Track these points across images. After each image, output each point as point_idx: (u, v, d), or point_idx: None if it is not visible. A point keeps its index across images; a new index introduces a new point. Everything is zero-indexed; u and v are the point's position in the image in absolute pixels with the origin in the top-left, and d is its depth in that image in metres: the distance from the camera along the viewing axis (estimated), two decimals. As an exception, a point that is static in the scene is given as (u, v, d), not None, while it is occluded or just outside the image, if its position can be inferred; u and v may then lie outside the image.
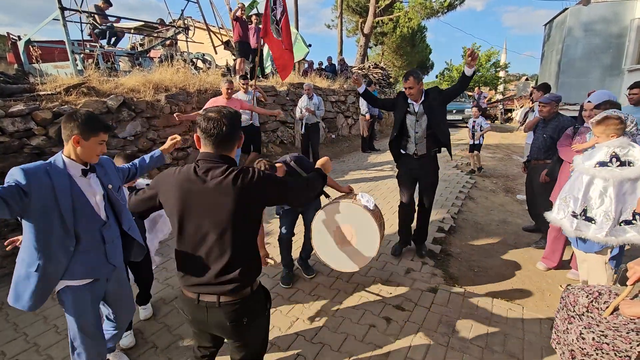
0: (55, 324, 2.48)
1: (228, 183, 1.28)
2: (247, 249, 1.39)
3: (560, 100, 3.61)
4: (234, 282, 1.34)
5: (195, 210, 1.31)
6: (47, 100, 3.80)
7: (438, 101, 3.09)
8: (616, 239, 2.17)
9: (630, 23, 10.92)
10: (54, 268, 1.57)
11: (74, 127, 1.56)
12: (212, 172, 1.31)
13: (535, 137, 3.72)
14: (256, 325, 1.48)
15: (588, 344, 1.59)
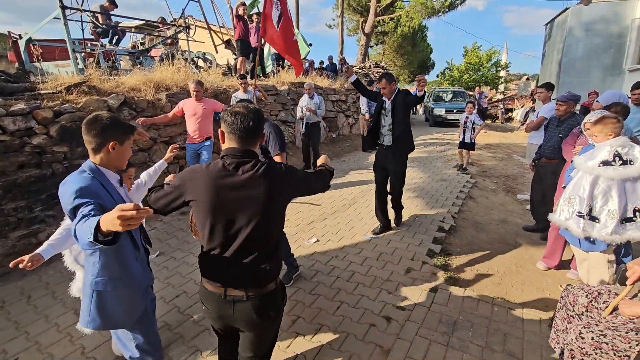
0: (56, 322, 2.49)
1: (260, 176, 1.31)
2: (275, 243, 1.43)
3: (579, 99, 3.51)
4: (262, 276, 1.38)
5: (227, 205, 1.31)
6: (48, 99, 3.81)
7: (402, 103, 3.58)
8: (620, 237, 2.18)
9: (631, 23, 10.91)
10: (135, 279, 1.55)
11: (107, 132, 1.45)
12: (243, 167, 1.32)
13: (548, 136, 3.65)
14: (278, 320, 1.54)
15: (587, 344, 1.59)
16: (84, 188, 1.31)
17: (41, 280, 3.01)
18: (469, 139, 6.66)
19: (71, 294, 2.06)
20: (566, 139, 3.17)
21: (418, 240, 3.74)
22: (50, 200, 3.57)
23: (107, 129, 1.45)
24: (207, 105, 4.40)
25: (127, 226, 0.95)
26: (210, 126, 4.50)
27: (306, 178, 1.52)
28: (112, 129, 1.46)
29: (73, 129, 3.73)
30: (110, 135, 1.46)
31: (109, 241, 1.04)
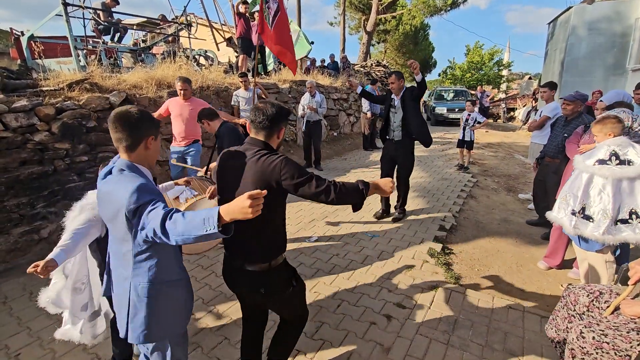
0: (58, 318, 2.49)
1: (253, 162, 1.47)
2: (266, 228, 1.52)
3: (587, 99, 3.46)
4: (253, 254, 1.54)
5: (227, 183, 1.54)
6: (50, 95, 3.81)
7: (410, 97, 3.89)
8: (613, 238, 2.17)
9: (634, 22, 10.85)
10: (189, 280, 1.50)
11: (143, 126, 1.33)
12: (248, 150, 1.52)
13: (554, 135, 3.63)
14: (277, 299, 1.63)
15: (588, 343, 1.59)
16: (143, 185, 1.22)
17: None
18: (468, 138, 6.65)
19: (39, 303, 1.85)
20: (570, 137, 3.15)
21: (419, 239, 3.74)
22: (52, 196, 3.58)
23: (142, 123, 1.33)
24: (195, 105, 3.96)
25: (256, 212, 1.04)
26: (198, 128, 4.08)
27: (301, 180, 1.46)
28: (147, 123, 1.34)
29: (75, 126, 3.74)
30: (147, 129, 1.34)
31: (224, 232, 1.07)
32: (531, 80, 23.18)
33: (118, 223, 1.24)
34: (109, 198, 1.25)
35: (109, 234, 1.39)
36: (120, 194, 1.20)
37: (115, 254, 1.37)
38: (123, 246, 1.29)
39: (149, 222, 1.13)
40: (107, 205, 1.27)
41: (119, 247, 1.31)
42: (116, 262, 1.37)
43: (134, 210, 1.17)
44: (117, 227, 1.27)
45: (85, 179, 3.87)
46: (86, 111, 3.90)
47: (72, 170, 3.77)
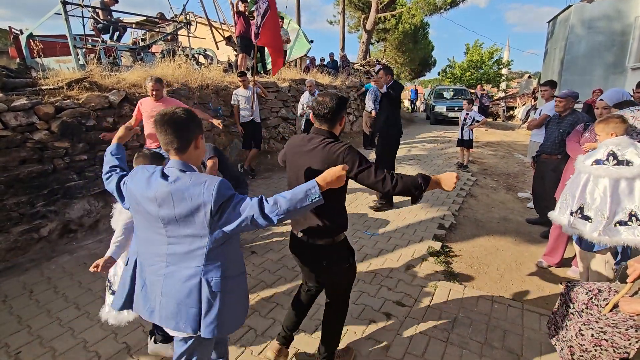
0: (58, 316, 2.50)
1: (320, 149, 1.63)
2: (331, 208, 1.67)
3: (577, 96, 3.63)
4: (316, 229, 1.72)
5: (293, 166, 1.73)
6: (50, 94, 3.81)
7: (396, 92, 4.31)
8: (610, 239, 2.14)
9: (634, 20, 10.84)
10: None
11: (191, 127, 1.33)
12: (313, 140, 1.68)
13: (549, 132, 3.73)
14: (334, 271, 1.81)
15: (587, 340, 1.60)
16: (223, 182, 1.26)
17: (43, 275, 3.03)
18: (467, 137, 6.65)
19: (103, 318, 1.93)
20: (569, 135, 3.17)
21: (418, 238, 3.74)
22: (51, 195, 3.58)
23: (190, 123, 1.33)
24: (167, 105, 3.88)
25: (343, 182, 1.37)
26: None
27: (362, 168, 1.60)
28: (194, 122, 1.34)
29: (74, 125, 3.74)
30: (195, 130, 1.34)
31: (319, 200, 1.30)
32: (531, 79, 23.17)
33: (193, 219, 1.25)
34: (184, 196, 1.23)
35: (158, 234, 1.33)
36: (200, 190, 1.22)
37: (172, 254, 1.32)
38: (193, 244, 1.28)
39: (243, 212, 1.23)
40: (180, 203, 1.24)
41: (184, 245, 1.30)
42: (174, 261, 1.33)
43: (221, 205, 1.22)
44: (187, 224, 1.26)
45: (84, 178, 3.87)
46: (85, 110, 3.90)
47: (72, 169, 3.77)
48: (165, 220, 1.28)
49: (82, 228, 3.80)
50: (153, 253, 1.37)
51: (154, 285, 1.36)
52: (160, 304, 1.34)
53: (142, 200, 1.31)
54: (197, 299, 1.30)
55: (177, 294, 1.31)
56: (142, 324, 2.44)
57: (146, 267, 1.40)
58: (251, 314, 2.55)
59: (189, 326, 1.32)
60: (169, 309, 1.33)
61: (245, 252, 3.43)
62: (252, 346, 2.23)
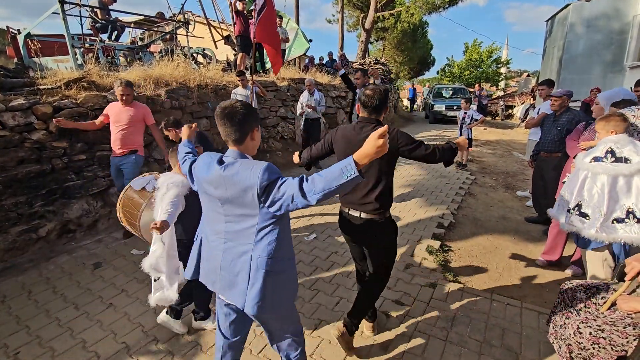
0: (57, 317, 2.50)
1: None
2: (382, 186, 1.95)
3: (572, 95, 3.69)
4: (370, 206, 1.95)
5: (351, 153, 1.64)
6: (48, 94, 3.80)
7: None
8: (607, 236, 2.14)
9: (632, 19, 10.86)
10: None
11: (249, 119, 1.41)
12: (365, 127, 1.92)
13: (546, 131, 3.77)
14: (383, 245, 2.06)
15: (585, 338, 1.60)
16: (270, 165, 1.34)
17: (42, 275, 3.02)
18: (465, 136, 6.66)
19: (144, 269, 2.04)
20: (570, 134, 3.18)
21: (417, 237, 3.75)
22: (50, 195, 3.58)
23: (248, 117, 1.41)
24: (136, 111, 3.58)
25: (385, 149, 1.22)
26: (137, 136, 3.65)
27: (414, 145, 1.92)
28: (251, 115, 1.42)
29: (73, 125, 3.73)
30: (252, 122, 1.43)
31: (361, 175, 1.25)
32: (529, 78, 23.19)
33: (244, 201, 1.35)
34: (233, 180, 1.35)
35: (217, 213, 1.46)
36: (247, 175, 1.32)
37: (229, 231, 1.45)
38: (245, 222, 1.39)
39: (285, 192, 1.28)
40: (231, 186, 1.36)
41: (238, 224, 1.41)
42: (230, 238, 1.45)
43: (265, 187, 1.30)
44: (240, 205, 1.37)
45: (83, 178, 3.86)
46: (84, 110, 3.89)
47: (70, 169, 3.77)
48: (222, 200, 1.41)
49: (81, 228, 3.80)
50: (214, 230, 1.50)
51: (215, 259, 1.49)
52: (220, 275, 1.48)
53: (203, 183, 1.47)
54: (246, 275, 1.40)
55: (232, 268, 1.43)
56: (141, 323, 2.44)
57: (209, 242, 1.53)
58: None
59: (240, 299, 1.41)
60: (226, 282, 1.46)
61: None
62: (252, 346, 2.23)
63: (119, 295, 2.76)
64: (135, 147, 3.65)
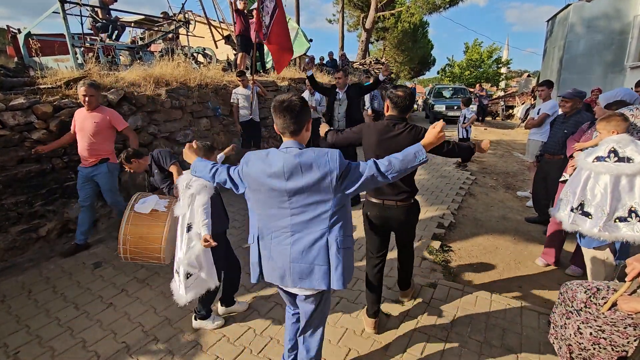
0: (57, 316, 2.50)
1: (406, 132, 2.14)
2: (411, 177, 2.26)
3: (585, 96, 3.56)
4: (404, 194, 2.24)
5: (384, 147, 2.14)
6: (48, 93, 3.79)
7: (355, 93, 4.64)
8: (609, 235, 2.16)
9: (633, 19, 10.85)
10: None
11: (304, 111, 1.52)
12: (398, 125, 2.17)
13: (553, 132, 3.68)
14: (411, 225, 2.43)
15: (585, 339, 1.60)
16: (341, 153, 1.47)
17: (41, 275, 3.02)
18: (462, 135, 6.68)
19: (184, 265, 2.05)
20: (573, 135, 3.16)
21: (418, 237, 3.74)
22: (50, 195, 3.57)
23: (304, 110, 1.51)
24: (101, 117, 3.30)
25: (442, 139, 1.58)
26: (107, 144, 3.41)
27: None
28: (307, 108, 1.53)
29: (73, 124, 3.72)
30: (307, 115, 1.53)
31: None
32: (530, 78, 23.18)
33: (319, 187, 1.44)
34: (309, 166, 1.42)
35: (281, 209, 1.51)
36: (325, 160, 1.42)
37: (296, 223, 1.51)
38: (317, 210, 1.48)
39: (364, 173, 1.46)
40: (308, 173, 1.42)
41: (308, 214, 1.49)
42: (298, 229, 1.51)
43: (344, 171, 1.44)
44: (314, 192, 1.45)
45: (83, 177, 3.85)
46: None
47: (70, 169, 3.76)
48: (291, 192, 1.45)
49: (81, 227, 3.79)
50: (277, 226, 1.54)
51: (281, 254, 1.54)
52: (290, 269, 1.53)
53: (265, 179, 1.47)
54: (325, 258, 1.51)
55: (306, 258, 1.51)
56: (141, 323, 2.44)
57: (270, 239, 1.57)
58: (250, 313, 2.55)
59: (322, 283, 1.52)
60: (300, 272, 1.53)
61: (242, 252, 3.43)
62: (252, 346, 2.23)
63: (119, 295, 2.76)
64: (106, 154, 3.41)
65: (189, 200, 2.03)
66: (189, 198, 2.03)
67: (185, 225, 2.04)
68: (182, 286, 2.07)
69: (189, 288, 2.09)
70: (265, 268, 1.62)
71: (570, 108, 3.49)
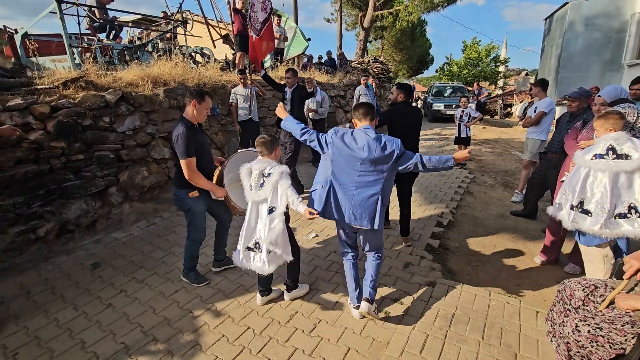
0: (56, 317, 2.49)
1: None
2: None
3: (590, 95, 3.58)
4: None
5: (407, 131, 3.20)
6: (45, 94, 3.77)
7: (298, 96, 4.92)
8: (610, 232, 2.18)
9: (630, 17, 10.87)
10: None
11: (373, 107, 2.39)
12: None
13: (558, 131, 3.69)
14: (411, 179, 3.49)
15: (583, 337, 1.60)
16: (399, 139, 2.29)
17: (40, 276, 3.02)
18: (464, 134, 6.66)
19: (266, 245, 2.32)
20: (568, 133, 3.16)
21: (416, 235, 3.75)
22: (48, 196, 3.56)
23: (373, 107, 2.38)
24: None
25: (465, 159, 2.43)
26: None
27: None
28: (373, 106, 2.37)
29: (70, 124, 3.71)
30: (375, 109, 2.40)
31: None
32: (528, 77, 23.22)
33: (384, 160, 2.22)
34: (382, 145, 2.20)
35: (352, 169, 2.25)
36: (391, 144, 2.22)
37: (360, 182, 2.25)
38: (376, 176, 2.24)
39: (411, 159, 2.27)
40: (380, 150, 2.19)
41: (369, 177, 2.24)
42: (361, 186, 2.26)
43: (401, 153, 2.24)
44: (379, 163, 2.22)
45: (81, 178, 3.85)
46: (82, 109, 3.87)
47: (68, 169, 3.75)
48: (364, 160, 2.21)
49: (80, 228, 3.79)
50: (346, 181, 2.27)
51: (346, 200, 2.28)
52: (349, 210, 2.27)
53: (350, 149, 2.23)
54: (374, 208, 2.25)
55: (363, 205, 2.25)
56: (140, 323, 2.44)
57: (339, 189, 2.29)
58: (249, 312, 2.55)
59: (369, 223, 2.26)
60: (357, 214, 2.26)
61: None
62: (252, 345, 2.23)
63: (118, 296, 2.76)
64: None
65: (272, 187, 2.30)
66: (272, 184, 2.30)
67: (267, 209, 2.32)
68: (265, 260, 2.35)
69: (270, 262, 2.36)
70: (331, 206, 2.30)
71: (577, 107, 3.50)
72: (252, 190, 2.37)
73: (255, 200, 2.37)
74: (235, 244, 2.58)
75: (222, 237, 3.08)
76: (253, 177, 2.36)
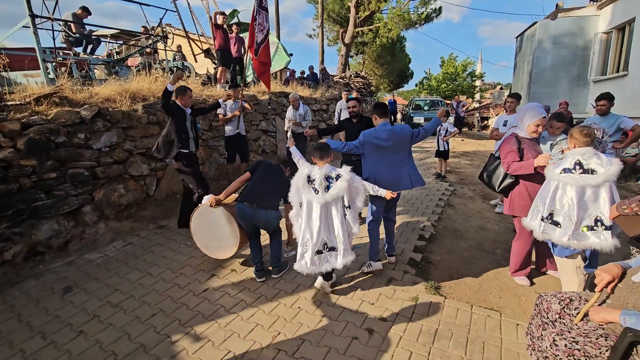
0: (22, 347, 2.34)
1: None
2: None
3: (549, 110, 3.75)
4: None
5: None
6: (16, 110, 3.64)
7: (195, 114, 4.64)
8: (578, 243, 2.30)
9: (594, 37, 11.57)
10: None
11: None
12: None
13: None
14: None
15: (561, 351, 1.63)
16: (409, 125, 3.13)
17: (5, 303, 2.83)
18: (442, 148, 6.81)
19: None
20: (505, 156, 3.14)
21: (399, 249, 3.77)
22: (17, 216, 3.40)
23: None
24: None
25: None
26: None
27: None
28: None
29: (42, 142, 3.58)
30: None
31: None
32: (503, 90, 24.21)
33: (403, 143, 3.08)
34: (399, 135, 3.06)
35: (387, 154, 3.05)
36: (405, 130, 3.09)
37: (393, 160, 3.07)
38: (402, 154, 3.10)
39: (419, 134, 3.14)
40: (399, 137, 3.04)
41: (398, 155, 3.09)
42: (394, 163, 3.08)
43: (413, 133, 3.11)
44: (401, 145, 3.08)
45: (53, 197, 3.69)
46: (55, 126, 3.74)
47: (39, 188, 3.60)
48: (389, 147, 3.02)
49: (50, 250, 3.61)
50: (384, 160, 3.05)
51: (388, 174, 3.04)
52: (395, 180, 3.04)
53: (376, 142, 3.01)
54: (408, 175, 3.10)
55: (400, 175, 3.07)
56: (114, 351, 2.32)
57: (384, 168, 3.05)
58: (230, 335, 2.47)
59: (407, 186, 3.11)
60: (396, 182, 3.04)
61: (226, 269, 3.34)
62: (236, 349, 2.15)
63: (91, 322, 2.62)
64: None
65: (346, 185, 2.58)
66: (346, 182, 2.58)
67: (342, 206, 2.65)
68: (340, 256, 2.64)
69: (344, 255, 2.65)
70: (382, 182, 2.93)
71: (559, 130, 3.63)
72: (318, 193, 2.57)
73: (326, 202, 2.57)
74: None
75: None
76: (318, 182, 2.58)
